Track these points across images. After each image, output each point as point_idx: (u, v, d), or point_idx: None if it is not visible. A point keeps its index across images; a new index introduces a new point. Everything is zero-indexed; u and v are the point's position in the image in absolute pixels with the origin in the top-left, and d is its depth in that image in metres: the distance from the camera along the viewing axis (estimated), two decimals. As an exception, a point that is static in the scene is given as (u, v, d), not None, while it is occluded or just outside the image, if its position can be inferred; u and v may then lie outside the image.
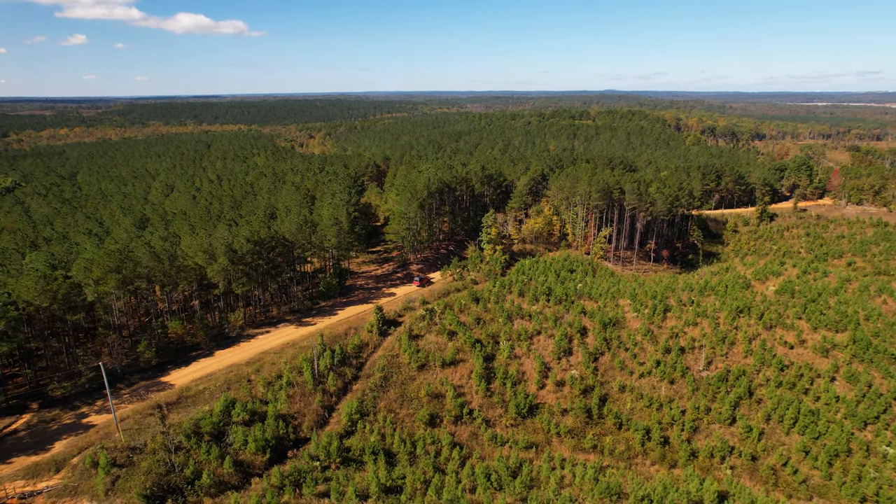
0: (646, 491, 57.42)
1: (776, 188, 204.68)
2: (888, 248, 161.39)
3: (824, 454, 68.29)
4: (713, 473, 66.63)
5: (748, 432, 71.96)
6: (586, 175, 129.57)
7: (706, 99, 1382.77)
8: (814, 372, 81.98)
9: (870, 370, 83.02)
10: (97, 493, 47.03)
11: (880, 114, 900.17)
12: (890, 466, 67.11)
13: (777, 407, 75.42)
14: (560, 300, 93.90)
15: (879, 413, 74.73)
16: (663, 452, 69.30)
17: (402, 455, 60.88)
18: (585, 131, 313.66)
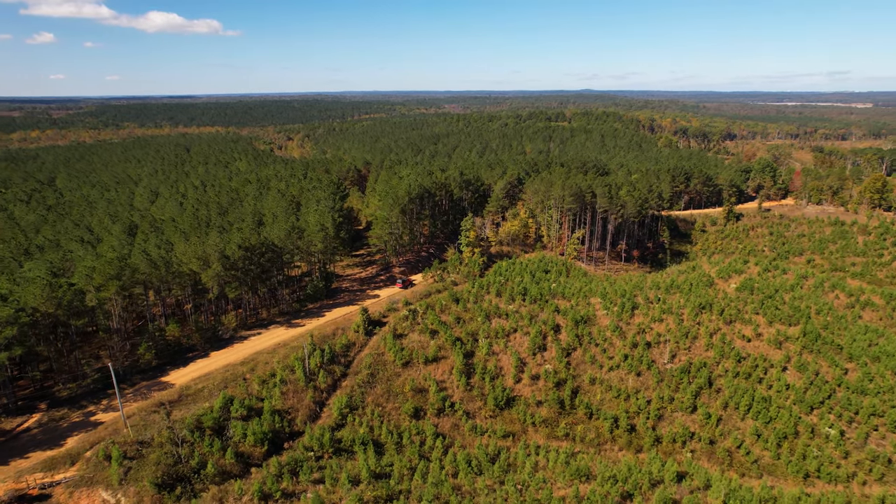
0: (612, 472, 63.17)
1: (742, 189, 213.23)
2: (844, 245, 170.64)
3: (774, 436, 74.94)
4: (675, 457, 72.67)
5: (707, 419, 78.29)
6: (560, 179, 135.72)
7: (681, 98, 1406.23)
8: (768, 362, 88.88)
9: (818, 360, 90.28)
10: (112, 483, 51.32)
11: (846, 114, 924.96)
12: (831, 445, 74.03)
13: (734, 395, 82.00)
14: (535, 299, 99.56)
15: (824, 398, 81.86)
16: (630, 439, 75.25)
17: (389, 445, 65.92)
18: (561, 133, 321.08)
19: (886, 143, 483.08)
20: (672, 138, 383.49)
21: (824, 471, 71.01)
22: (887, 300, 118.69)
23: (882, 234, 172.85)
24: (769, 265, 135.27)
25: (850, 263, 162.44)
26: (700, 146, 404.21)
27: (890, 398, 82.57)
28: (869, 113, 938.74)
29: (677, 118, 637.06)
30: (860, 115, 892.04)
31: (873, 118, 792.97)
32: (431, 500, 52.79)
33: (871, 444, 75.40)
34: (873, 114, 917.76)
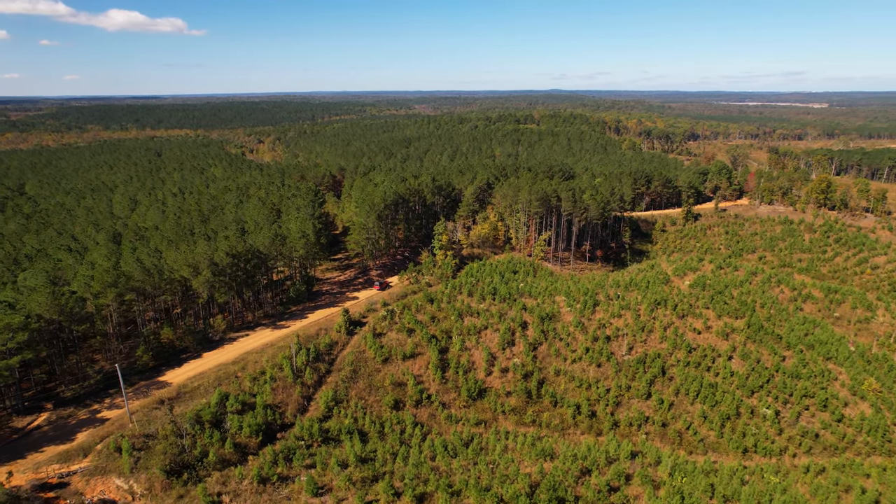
0: (573, 452, 70.81)
1: (700, 190, 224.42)
2: (792, 243, 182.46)
3: (718, 418, 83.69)
4: (631, 438, 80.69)
5: (660, 404, 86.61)
6: (527, 185, 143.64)
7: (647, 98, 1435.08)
8: (715, 352, 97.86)
9: (760, 349, 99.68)
10: (123, 471, 56.88)
11: (803, 114, 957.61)
12: (767, 424, 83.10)
13: (684, 382, 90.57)
14: (504, 298, 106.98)
15: (763, 383, 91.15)
16: (591, 424, 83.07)
17: (372, 434, 72.49)
18: (529, 137, 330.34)
19: (838, 143, 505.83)
20: (636, 140, 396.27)
21: (760, 446, 79.99)
22: (825, 293, 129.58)
23: (826, 231, 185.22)
24: (723, 262, 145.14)
25: (797, 259, 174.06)
26: (663, 147, 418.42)
27: (820, 381, 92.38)
28: (824, 113, 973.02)
29: (643, 119, 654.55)
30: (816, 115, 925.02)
31: (828, 118, 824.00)
32: (413, 479, 59.53)
33: (802, 422, 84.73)
34: (828, 114, 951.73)
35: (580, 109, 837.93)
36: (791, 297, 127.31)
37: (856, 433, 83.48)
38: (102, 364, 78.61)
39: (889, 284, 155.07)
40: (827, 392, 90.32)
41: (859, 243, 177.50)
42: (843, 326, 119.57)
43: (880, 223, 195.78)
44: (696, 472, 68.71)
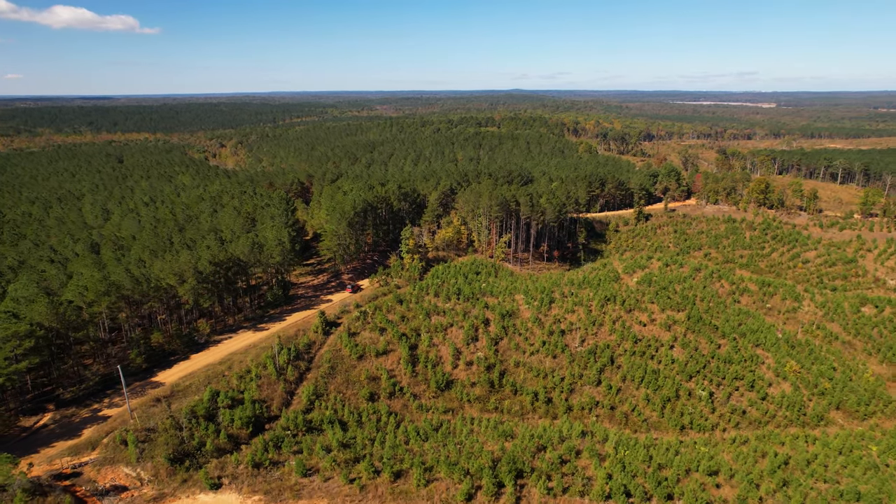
0: (531, 433, 79.97)
1: (651, 192, 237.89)
2: (734, 240, 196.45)
3: (660, 400, 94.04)
4: (583, 420, 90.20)
5: (609, 390, 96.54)
6: (487, 190, 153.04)
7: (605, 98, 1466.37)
8: (658, 342, 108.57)
9: (698, 338, 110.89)
10: (130, 461, 63.55)
11: (752, 113, 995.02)
12: (702, 404, 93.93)
13: (630, 370, 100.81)
14: (468, 298, 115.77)
15: (700, 368, 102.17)
16: (547, 409, 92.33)
17: (351, 423, 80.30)
18: (490, 140, 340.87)
19: (783, 143, 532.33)
20: (592, 143, 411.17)
21: (696, 423, 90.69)
22: (760, 286, 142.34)
23: (765, 229, 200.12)
24: (670, 260, 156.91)
25: (738, 256, 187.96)
26: (619, 149, 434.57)
27: (749, 365, 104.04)
28: (772, 113, 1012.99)
29: (601, 120, 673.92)
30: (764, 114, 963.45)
31: (775, 118, 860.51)
32: (390, 459, 67.75)
33: (732, 401, 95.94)
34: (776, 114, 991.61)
35: (540, 111, 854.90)
36: (730, 291, 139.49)
37: (777, 409, 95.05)
38: (96, 368, 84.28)
39: (817, 277, 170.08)
40: (754, 374, 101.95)
41: (793, 240, 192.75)
42: (773, 316, 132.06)
43: (812, 220, 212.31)
44: (638, 446, 78.64)
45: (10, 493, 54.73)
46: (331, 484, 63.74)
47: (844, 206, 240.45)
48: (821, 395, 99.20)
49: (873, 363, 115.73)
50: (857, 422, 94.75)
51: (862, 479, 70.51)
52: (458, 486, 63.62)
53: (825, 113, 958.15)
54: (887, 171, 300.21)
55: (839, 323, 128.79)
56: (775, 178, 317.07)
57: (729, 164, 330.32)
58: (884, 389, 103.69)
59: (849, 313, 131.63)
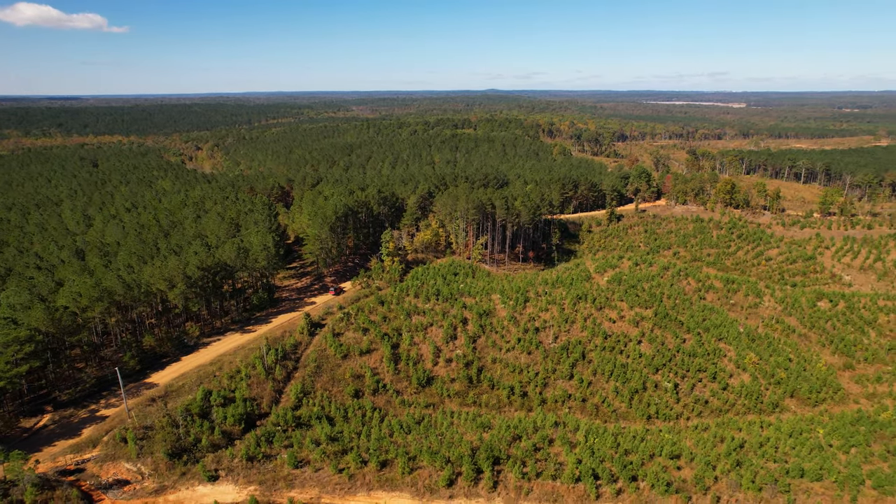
0: (507, 424, 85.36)
1: (623, 193, 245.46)
2: (702, 239, 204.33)
3: (628, 392, 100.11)
4: (556, 412, 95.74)
5: (581, 383, 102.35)
6: (464, 194, 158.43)
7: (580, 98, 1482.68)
8: (627, 338, 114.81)
9: (664, 333, 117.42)
10: (131, 457, 67.36)
11: (723, 113, 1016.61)
12: (668, 395, 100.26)
13: (601, 364, 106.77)
14: (447, 298, 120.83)
15: (666, 361, 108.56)
16: (523, 402, 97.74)
17: (338, 418, 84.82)
18: (467, 143, 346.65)
19: (751, 143, 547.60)
20: (566, 145, 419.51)
21: (661, 413, 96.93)
22: (724, 283, 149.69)
23: (731, 228, 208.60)
24: (640, 259, 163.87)
25: (706, 254, 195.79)
26: (593, 150, 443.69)
27: (712, 358, 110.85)
28: (742, 113, 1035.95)
29: (575, 121, 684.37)
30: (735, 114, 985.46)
31: (745, 118, 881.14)
32: (376, 450, 72.53)
33: (696, 392, 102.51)
34: (745, 114, 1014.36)
35: (515, 111, 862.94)
36: (696, 288, 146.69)
37: (736, 398, 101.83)
38: (89, 371, 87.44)
39: (779, 274, 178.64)
40: (717, 366, 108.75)
41: (757, 238, 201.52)
42: (736, 311, 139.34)
43: (775, 220, 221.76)
44: (607, 434, 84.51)
45: (21, 488, 58.36)
46: (321, 474, 68.36)
47: (807, 204, 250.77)
48: (777, 385, 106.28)
49: (826, 354, 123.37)
50: (808, 408, 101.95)
51: (807, 458, 77.23)
52: (439, 472, 68.71)
53: (792, 113, 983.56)
54: (846, 171, 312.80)
55: (796, 317, 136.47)
56: (743, 178, 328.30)
57: (699, 165, 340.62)
58: (834, 378, 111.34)
59: (805, 308, 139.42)
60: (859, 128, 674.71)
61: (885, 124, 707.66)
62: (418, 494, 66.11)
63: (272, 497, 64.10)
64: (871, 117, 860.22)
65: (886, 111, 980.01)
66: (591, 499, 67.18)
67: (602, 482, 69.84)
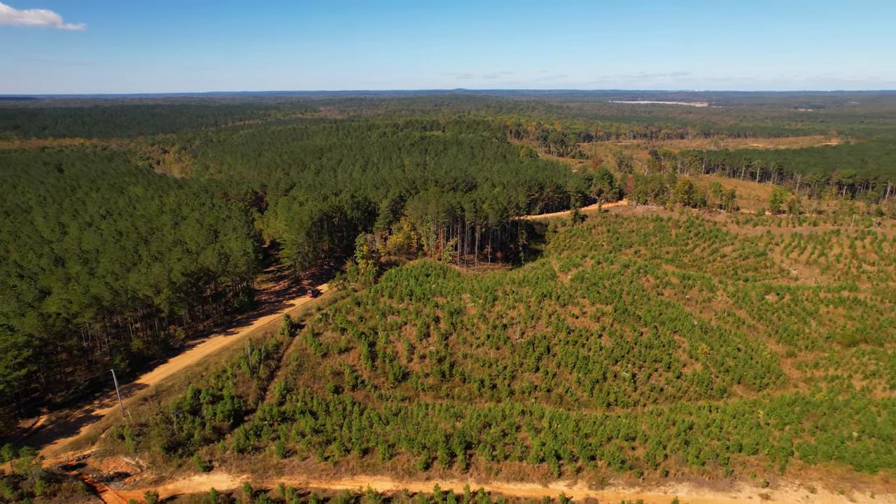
0: (478, 413, 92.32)
1: (587, 194, 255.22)
2: (661, 238, 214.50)
3: (589, 382, 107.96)
4: (523, 402, 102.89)
5: (546, 375, 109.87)
6: (434, 198, 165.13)
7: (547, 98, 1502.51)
8: (588, 332, 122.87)
9: (623, 327, 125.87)
10: (129, 451, 72.26)
11: (686, 113, 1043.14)
12: (626, 384, 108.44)
13: (564, 357, 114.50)
14: (419, 298, 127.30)
15: (625, 353, 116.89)
16: (492, 393, 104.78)
17: (320, 412, 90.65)
18: (436, 145, 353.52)
19: (711, 142, 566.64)
20: (533, 146, 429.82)
21: (620, 401, 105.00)
22: (681, 279, 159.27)
23: (688, 227, 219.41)
24: (602, 258, 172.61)
25: (665, 252, 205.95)
26: (559, 151, 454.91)
27: (667, 349, 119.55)
28: (704, 112, 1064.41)
29: (542, 121, 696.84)
30: (697, 114, 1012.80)
31: (706, 117, 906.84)
32: (358, 439, 78.75)
33: (652, 381, 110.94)
34: (707, 113, 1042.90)
35: (483, 112, 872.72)
36: (654, 285, 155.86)
37: (689, 385, 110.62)
38: (80, 374, 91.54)
39: (733, 270, 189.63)
40: (671, 357, 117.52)
41: (713, 236, 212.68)
42: (691, 306, 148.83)
43: (730, 218, 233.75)
44: (569, 420, 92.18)
45: (30, 482, 63.01)
46: (308, 462, 74.34)
47: (761, 203, 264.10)
48: (726, 372, 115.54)
49: (772, 343, 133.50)
50: (753, 392, 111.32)
51: (746, 436, 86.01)
52: (417, 457, 75.34)
53: (751, 112, 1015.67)
54: (797, 171, 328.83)
55: (746, 309, 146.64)
56: (702, 178, 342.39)
57: (660, 165, 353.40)
58: (777, 365, 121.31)
59: (755, 301, 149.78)
60: (812, 127, 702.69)
61: (836, 124, 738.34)
62: (398, 477, 72.66)
63: (264, 484, 69.84)
64: (823, 117, 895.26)
65: (838, 111, 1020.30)
66: (554, 476, 74.62)
67: (564, 462, 77.33)
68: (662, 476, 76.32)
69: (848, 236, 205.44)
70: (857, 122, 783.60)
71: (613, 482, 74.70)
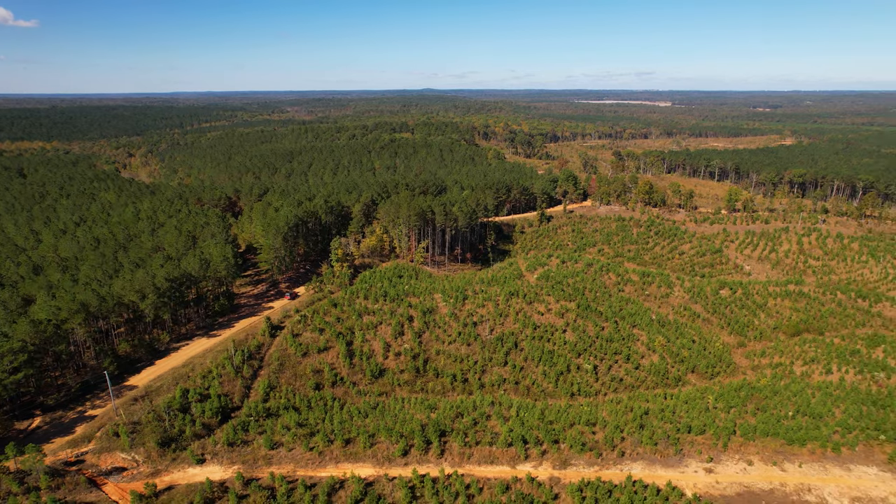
0: (451, 405, 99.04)
1: (552, 195, 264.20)
2: (624, 237, 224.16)
3: (554, 374, 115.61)
4: (492, 394, 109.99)
5: (514, 368, 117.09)
6: (406, 202, 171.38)
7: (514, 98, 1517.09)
8: (553, 328, 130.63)
9: (586, 322, 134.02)
10: (125, 447, 76.98)
11: (650, 112, 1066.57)
12: (588, 375, 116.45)
13: (531, 351, 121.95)
14: (393, 299, 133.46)
15: (587, 347, 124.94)
16: (464, 387, 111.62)
17: (303, 408, 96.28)
18: (406, 148, 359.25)
19: (674, 142, 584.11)
20: (500, 148, 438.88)
21: (583, 391, 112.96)
22: (641, 276, 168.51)
23: (649, 226, 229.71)
24: (567, 257, 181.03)
25: (627, 250, 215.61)
26: (526, 152, 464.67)
27: (627, 342, 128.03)
28: (667, 112, 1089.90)
29: (509, 122, 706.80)
30: (660, 113, 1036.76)
31: (669, 117, 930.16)
32: (340, 431, 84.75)
33: (612, 372, 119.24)
34: (670, 112, 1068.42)
35: (451, 113, 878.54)
36: (616, 282, 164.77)
37: (647, 375, 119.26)
38: (69, 377, 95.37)
39: (691, 266, 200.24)
40: (631, 349, 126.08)
41: (672, 234, 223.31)
42: (650, 301, 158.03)
43: (689, 217, 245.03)
44: (535, 409, 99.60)
45: (35, 477, 67.47)
46: (294, 453, 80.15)
47: (719, 201, 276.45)
48: (681, 363, 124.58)
49: (724, 335, 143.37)
50: (705, 380, 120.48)
51: (696, 419, 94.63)
52: (395, 445, 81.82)
53: (712, 112, 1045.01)
54: (753, 170, 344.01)
55: (701, 304, 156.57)
56: (664, 178, 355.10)
57: (623, 166, 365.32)
58: (728, 355, 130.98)
59: (709, 295, 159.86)
60: (769, 127, 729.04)
61: (791, 123, 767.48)
62: (378, 464, 79.02)
63: (254, 473, 75.43)
64: (780, 117, 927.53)
65: (793, 111, 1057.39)
66: (521, 459, 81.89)
67: (530, 446, 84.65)
68: (619, 456, 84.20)
69: (796, 233, 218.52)
70: (810, 121, 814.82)
71: (575, 463, 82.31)
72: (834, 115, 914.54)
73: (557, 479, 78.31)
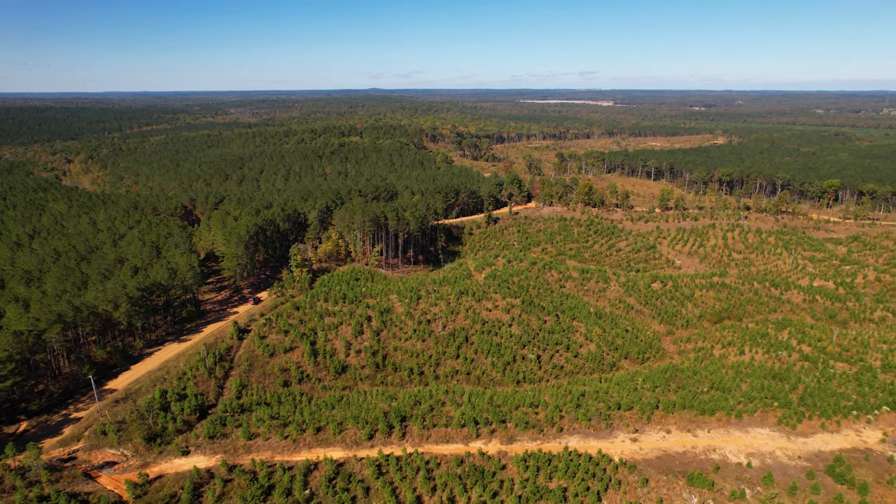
0: (409, 395, 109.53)
1: (498, 198, 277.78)
2: (566, 236, 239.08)
3: (501, 364, 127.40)
4: (447, 384, 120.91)
5: (465, 361, 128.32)
6: (360, 208, 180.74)
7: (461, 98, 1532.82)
8: (500, 323, 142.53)
9: (530, 317, 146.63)
10: (113, 444, 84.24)
11: (593, 112, 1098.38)
12: (533, 364, 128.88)
13: (481, 345, 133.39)
14: (352, 300, 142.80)
15: (531, 338, 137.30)
16: (420, 379, 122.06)
17: (273, 403, 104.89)
18: (356, 153, 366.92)
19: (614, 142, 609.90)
20: (448, 152, 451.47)
21: (528, 378, 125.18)
22: (580, 273, 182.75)
23: (589, 225, 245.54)
24: (513, 256, 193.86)
25: (568, 248, 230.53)
26: (473, 155, 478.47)
27: (567, 333, 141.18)
28: (609, 111, 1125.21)
29: (456, 124, 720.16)
30: (602, 113, 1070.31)
31: (611, 116, 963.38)
32: (311, 420, 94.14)
33: (554, 360, 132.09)
34: (612, 112, 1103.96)
35: (399, 114, 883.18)
36: (558, 279, 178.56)
37: (584, 362, 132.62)
38: (48, 383, 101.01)
39: (627, 262, 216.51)
40: (570, 340, 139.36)
41: (610, 233, 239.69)
42: (589, 296, 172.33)
43: (625, 216, 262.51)
44: (485, 395, 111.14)
45: (35, 472, 74.33)
46: (271, 441, 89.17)
47: (655, 200, 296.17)
48: (615, 350, 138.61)
49: (655, 324, 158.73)
50: (637, 365, 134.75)
51: (625, 398, 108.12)
52: (362, 430, 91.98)
53: (652, 111, 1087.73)
54: (686, 169, 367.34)
55: (635, 297, 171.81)
56: (604, 178, 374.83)
57: (566, 167, 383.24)
58: (658, 342, 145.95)
59: (642, 289, 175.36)
60: (704, 126, 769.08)
61: (724, 122, 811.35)
62: (348, 447, 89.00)
63: (236, 460, 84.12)
64: (714, 116, 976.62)
65: (726, 110, 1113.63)
66: (473, 437, 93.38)
67: (480, 426, 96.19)
68: (558, 431, 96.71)
69: (721, 229, 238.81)
70: (741, 121, 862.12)
71: (520, 438, 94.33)
72: (762, 115, 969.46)
73: (505, 452, 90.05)
